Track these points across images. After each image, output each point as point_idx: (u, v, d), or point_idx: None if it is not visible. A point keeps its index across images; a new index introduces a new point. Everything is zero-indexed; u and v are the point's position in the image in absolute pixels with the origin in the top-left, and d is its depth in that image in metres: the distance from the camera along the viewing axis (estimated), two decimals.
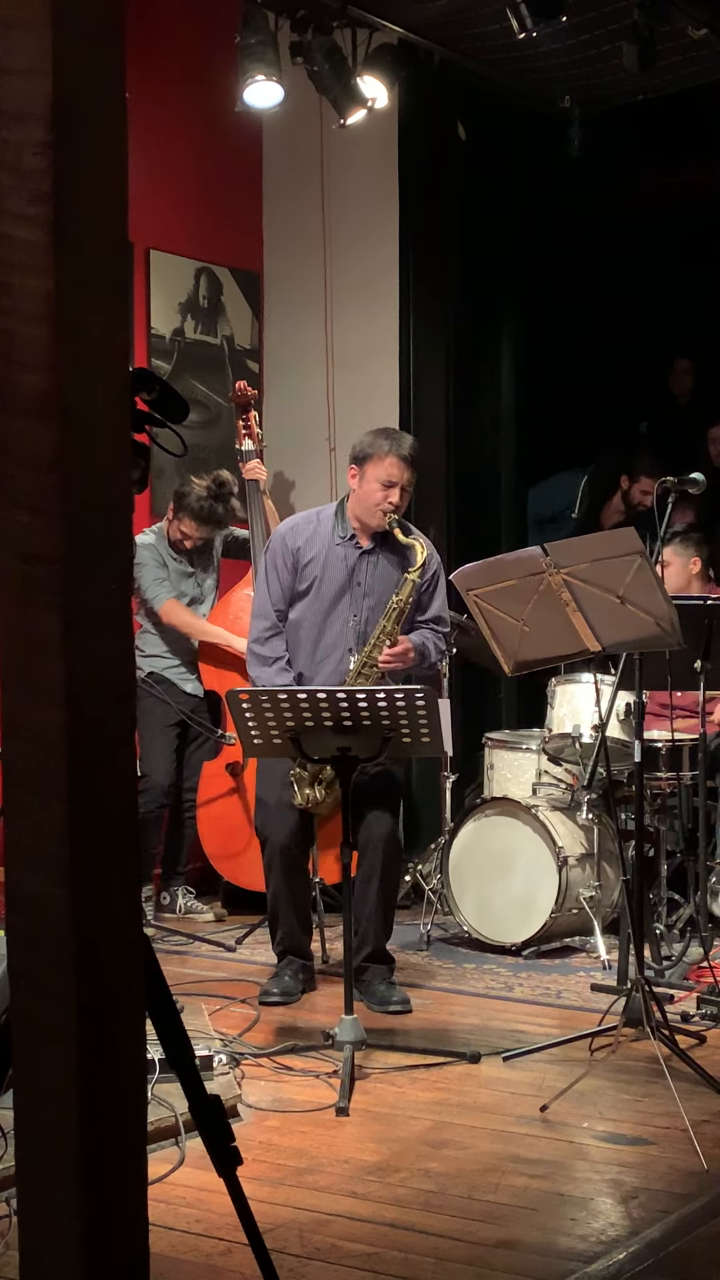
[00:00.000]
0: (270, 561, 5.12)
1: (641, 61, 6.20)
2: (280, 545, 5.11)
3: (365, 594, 5.05)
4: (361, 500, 5.02)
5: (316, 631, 5.05)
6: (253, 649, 5.10)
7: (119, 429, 2.02)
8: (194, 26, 7.09)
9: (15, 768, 1.97)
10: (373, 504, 4.97)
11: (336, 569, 5.05)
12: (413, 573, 4.97)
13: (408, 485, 5.01)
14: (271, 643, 5.06)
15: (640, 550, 4.08)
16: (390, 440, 4.99)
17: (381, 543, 5.07)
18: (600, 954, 5.66)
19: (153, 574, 6.26)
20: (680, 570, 6.11)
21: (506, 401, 7.85)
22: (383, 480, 4.95)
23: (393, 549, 5.07)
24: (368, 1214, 3.29)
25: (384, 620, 4.97)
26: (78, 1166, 1.95)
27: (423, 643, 5.06)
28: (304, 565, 5.06)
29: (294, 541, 5.08)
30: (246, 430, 6.56)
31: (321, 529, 5.10)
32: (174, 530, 6.31)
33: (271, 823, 5.00)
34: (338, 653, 5.03)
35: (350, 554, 5.06)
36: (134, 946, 2.04)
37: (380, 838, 4.91)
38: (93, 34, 1.93)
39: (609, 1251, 3.09)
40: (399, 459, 4.96)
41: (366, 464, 4.99)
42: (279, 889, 5.02)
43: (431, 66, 6.99)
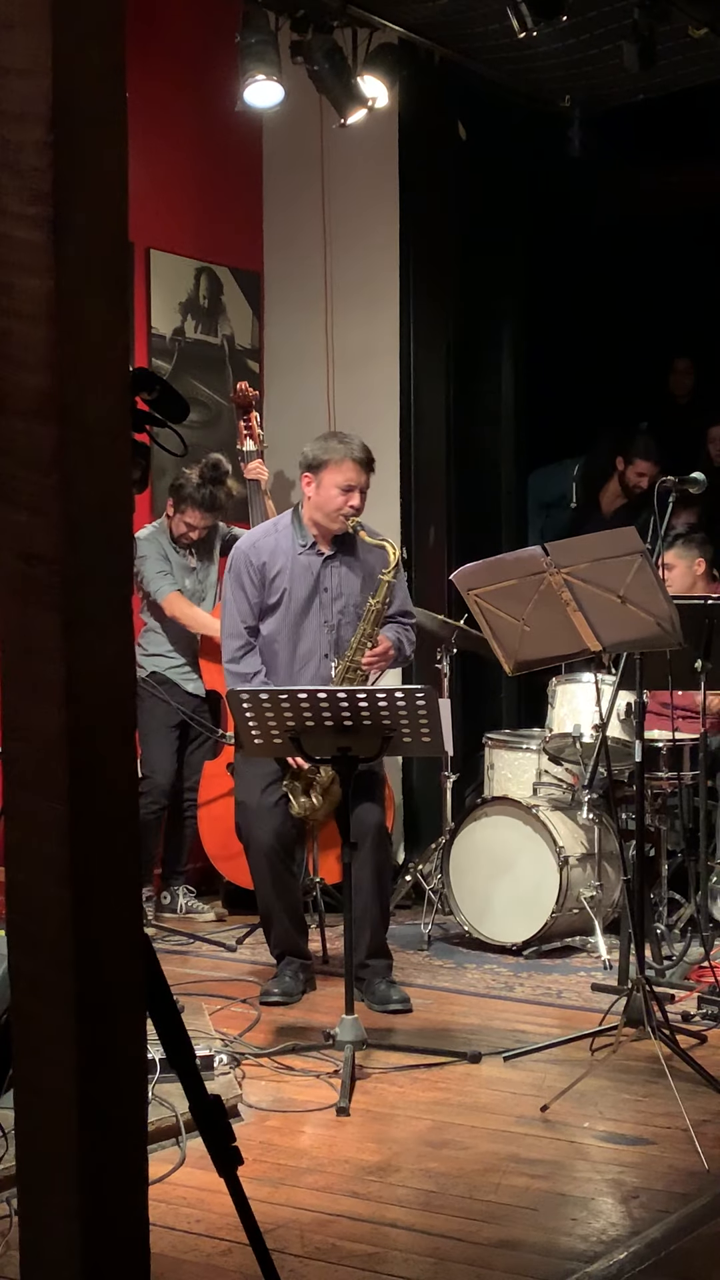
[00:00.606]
0: (235, 580, 5.14)
1: (641, 61, 6.19)
2: (244, 562, 5.13)
3: (334, 598, 5.12)
4: (320, 506, 5.05)
5: (291, 642, 5.10)
6: (229, 669, 5.14)
7: (119, 429, 2.01)
8: (194, 26, 7.09)
9: (15, 768, 1.97)
10: (333, 509, 5.02)
11: (303, 578, 5.11)
12: (387, 574, 5.03)
13: (365, 487, 5.06)
14: (246, 659, 5.10)
15: (641, 550, 4.08)
16: (344, 444, 5.04)
17: (341, 546, 5.15)
18: (601, 954, 5.66)
19: (155, 566, 6.26)
20: (685, 572, 6.10)
21: (506, 401, 7.84)
22: (341, 485, 5.00)
23: (351, 551, 5.15)
24: (368, 1214, 3.29)
25: (363, 624, 5.03)
26: (78, 1166, 1.94)
27: (397, 638, 5.15)
28: (271, 579, 5.11)
29: (258, 557, 5.12)
30: (248, 431, 6.55)
31: (282, 540, 5.15)
32: (177, 524, 6.30)
33: (254, 825, 5.00)
34: (314, 660, 5.09)
35: (314, 561, 5.12)
36: (134, 946, 2.04)
37: (370, 827, 4.92)
38: (93, 34, 1.93)
39: (610, 1251, 3.09)
40: (355, 462, 5.01)
41: (322, 470, 5.03)
42: (269, 893, 5.02)
43: (432, 66, 6.98)
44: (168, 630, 6.35)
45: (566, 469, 8.12)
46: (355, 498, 5.02)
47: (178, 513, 6.27)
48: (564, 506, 8.04)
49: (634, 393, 8.50)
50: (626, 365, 8.44)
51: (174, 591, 6.27)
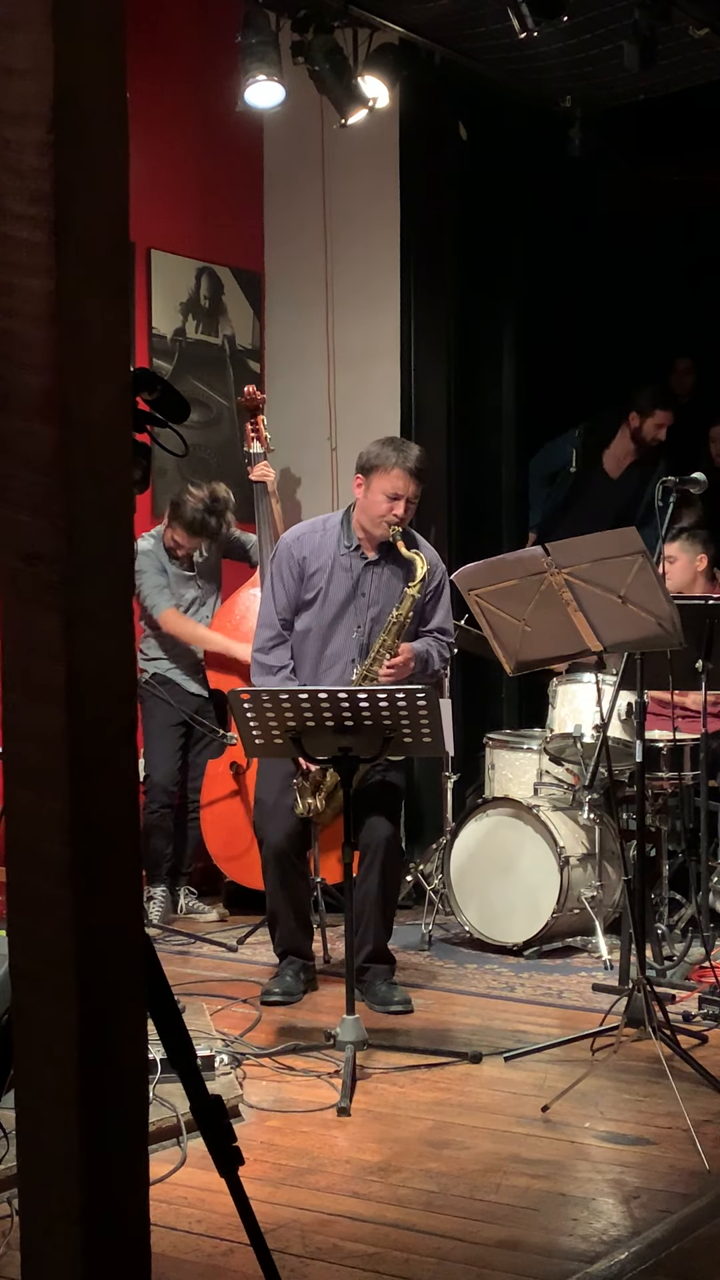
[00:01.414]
0: (276, 570, 5.12)
1: (642, 61, 6.19)
2: (286, 554, 5.10)
3: (369, 604, 5.07)
4: (366, 510, 5.02)
5: (321, 641, 5.07)
6: (257, 658, 5.10)
7: (120, 429, 2.01)
8: (195, 26, 7.09)
9: (16, 768, 1.97)
10: (377, 515, 4.98)
11: (342, 579, 5.06)
12: (412, 588, 4.98)
13: (413, 497, 5.00)
14: (276, 651, 5.06)
15: (642, 550, 4.08)
16: (398, 452, 4.98)
17: (386, 553, 5.08)
18: (602, 954, 5.66)
19: (152, 581, 6.25)
20: (686, 566, 6.11)
21: (506, 401, 7.84)
22: (388, 493, 4.95)
23: (397, 560, 5.07)
24: (369, 1214, 3.29)
25: (384, 634, 4.99)
26: (78, 1166, 1.94)
27: (425, 649, 5.07)
28: (310, 575, 5.07)
29: (300, 551, 5.08)
30: (255, 434, 6.55)
31: (327, 538, 5.10)
32: (168, 537, 6.31)
33: (269, 823, 5.01)
34: (341, 663, 5.04)
35: (355, 564, 5.07)
36: (135, 946, 2.04)
37: (382, 840, 4.91)
38: (93, 34, 1.93)
39: (611, 1252, 3.09)
40: (405, 472, 4.95)
41: (373, 475, 4.98)
42: (276, 890, 5.03)
43: (432, 66, 6.98)
44: (163, 641, 6.34)
45: (568, 438, 8.06)
46: (400, 507, 4.95)
47: (170, 526, 6.28)
48: (563, 479, 7.99)
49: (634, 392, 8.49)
50: (626, 365, 8.44)
51: (169, 608, 6.26)
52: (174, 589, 6.32)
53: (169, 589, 6.29)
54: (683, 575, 6.09)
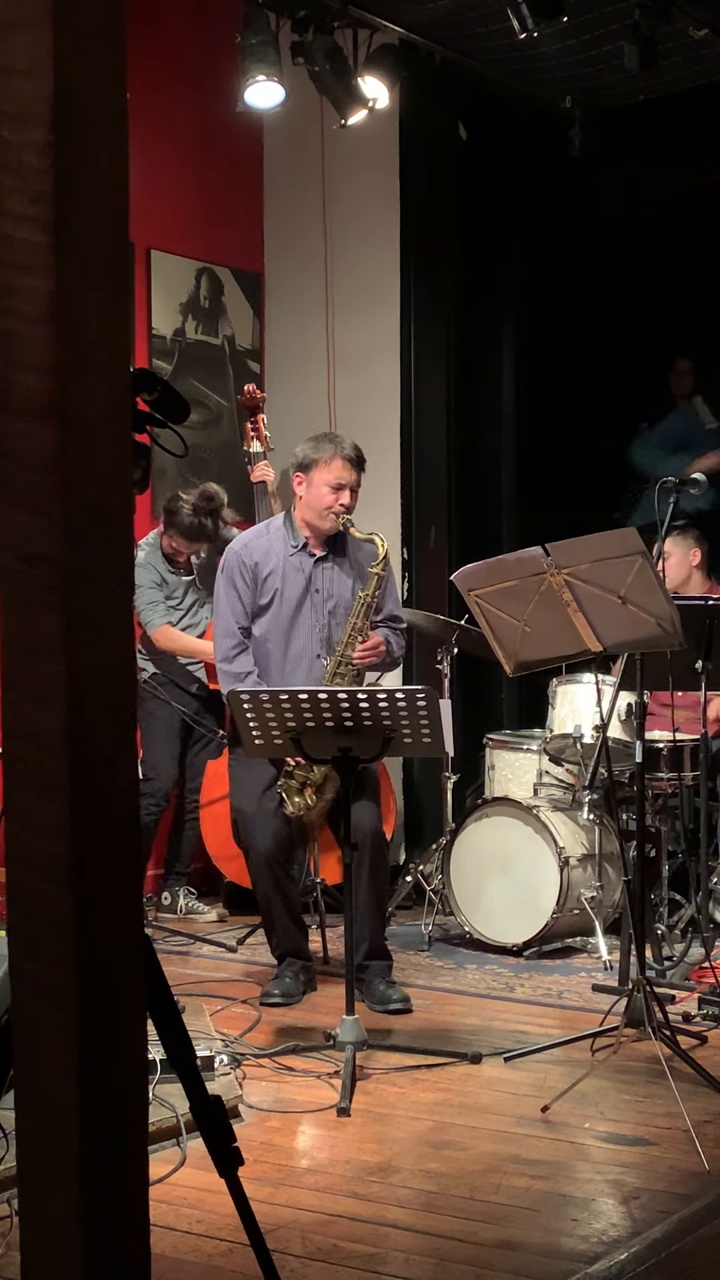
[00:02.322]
0: (228, 579, 5.16)
1: (642, 61, 6.19)
2: (237, 562, 5.14)
3: (325, 599, 5.13)
4: (311, 505, 5.07)
5: (283, 642, 5.11)
6: (222, 668, 5.15)
7: (120, 430, 2.01)
8: (194, 27, 7.09)
9: (16, 768, 1.97)
10: (323, 507, 5.03)
11: (294, 579, 5.11)
12: (376, 566, 5.05)
13: (355, 486, 5.07)
14: (239, 659, 5.11)
15: (642, 551, 4.08)
16: (333, 443, 5.06)
17: (333, 548, 5.15)
18: (601, 954, 5.66)
19: (148, 597, 6.23)
20: (681, 561, 6.13)
21: (507, 401, 7.84)
22: (331, 483, 5.02)
23: (343, 552, 5.15)
24: (369, 1215, 3.29)
25: (353, 617, 5.04)
26: (78, 1167, 1.94)
27: (385, 636, 5.14)
28: (263, 579, 5.12)
29: (250, 557, 5.13)
30: (255, 433, 6.54)
31: (274, 541, 5.16)
32: (165, 544, 6.30)
33: (254, 832, 5.00)
34: (306, 660, 5.09)
35: (305, 562, 5.13)
36: (135, 947, 2.04)
37: (367, 833, 4.90)
38: (93, 34, 1.93)
39: (610, 1252, 3.09)
40: (345, 460, 5.03)
41: (313, 469, 5.05)
42: (269, 896, 5.02)
43: (432, 67, 6.98)
44: (156, 651, 6.32)
45: (679, 419, 8.04)
46: (345, 495, 5.03)
47: (166, 533, 6.27)
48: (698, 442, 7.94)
49: (634, 393, 8.49)
50: (627, 365, 8.44)
51: (164, 625, 6.24)
52: (174, 595, 6.31)
53: (163, 604, 6.27)
54: (677, 570, 6.12)
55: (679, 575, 6.12)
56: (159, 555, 6.30)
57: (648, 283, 8.19)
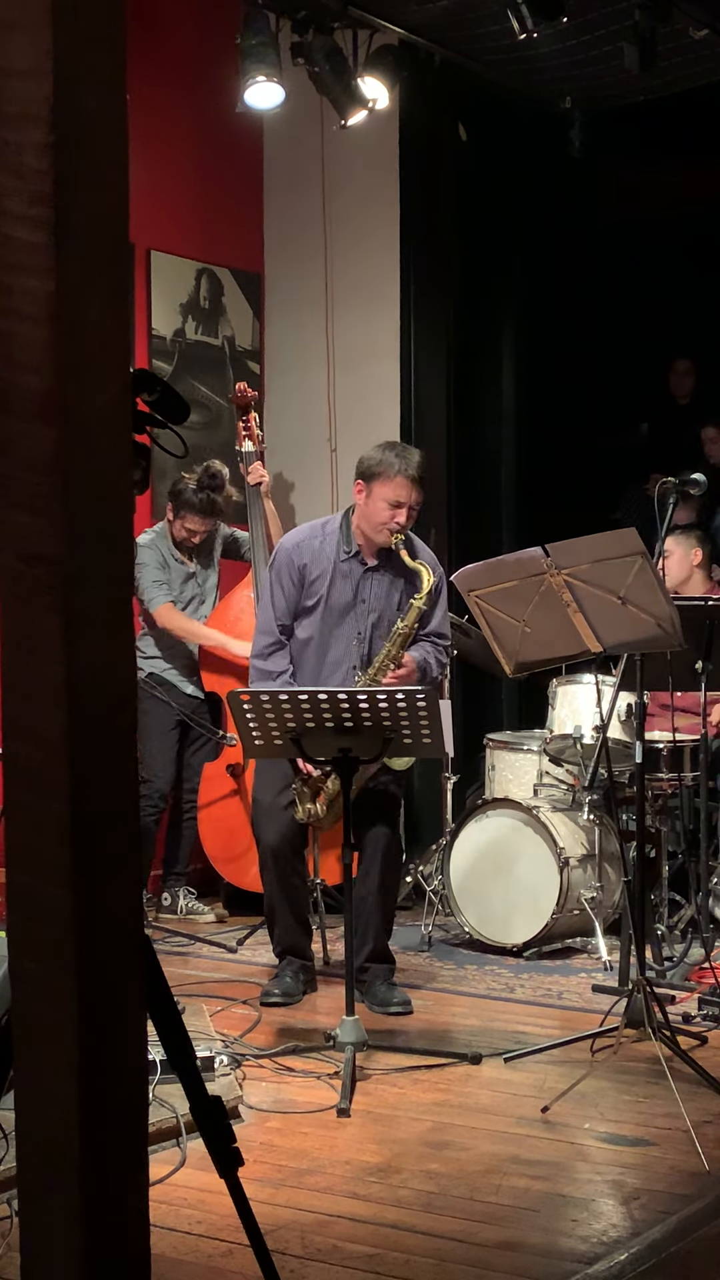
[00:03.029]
0: (275, 576, 5.08)
1: (642, 62, 6.19)
2: (286, 560, 5.06)
3: (369, 611, 5.05)
4: (367, 517, 4.98)
5: (322, 648, 5.05)
6: (256, 664, 5.08)
7: (120, 430, 2.01)
8: (194, 27, 7.09)
9: (15, 768, 1.97)
10: (379, 522, 4.94)
11: (342, 586, 5.04)
12: (419, 600, 4.95)
13: (415, 505, 4.96)
14: (275, 658, 5.04)
15: (642, 551, 4.08)
16: (400, 459, 4.92)
17: (385, 559, 5.05)
18: (601, 955, 5.66)
19: (151, 575, 6.25)
20: (682, 560, 6.14)
21: (507, 401, 7.85)
22: (390, 500, 4.91)
23: (396, 565, 5.04)
24: (369, 1215, 3.29)
25: (389, 645, 4.96)
26: (78, 1167, 1.94)
27: (424, 658, 5.05)
28: (310, 582, 5.04)
29: (300, 558, 5.05)
30: (247, 432, 6.55)
31: (326, 544, 5.07)
32: (178, 530, 6.30)
33: (266, 824, 5.00)
34: (343, 669, 5.02)
35: (355, 570, 5.05)
36: (135, 947, 2.04)
37: (382, 840, 4.92)
38: (93, 35, 1.93)
39: (610, 1253, 3.08)
40: (408, 479, 4.90)
41: (374, 481, 4.94)
42: (274, 890, 5.03)
43: (432, 67, 6.98)
44: (159, 638, 6.34)
45: None
46: (402, 514, 4.91)
47: (177, 518, 6.28)
48: None
49: (634, 393, 8.50)
50: (627, 366, 8.44)
51: (167, 603, 6.25)
52: (173, 585, 6.32)
53: (167, 585, 6.29)
54: (678, 569, 6.12)
55: (680, 574, 6.13)
56: (166, 541, 6.32)
57: (647, 283, 8.20)
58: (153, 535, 6.32)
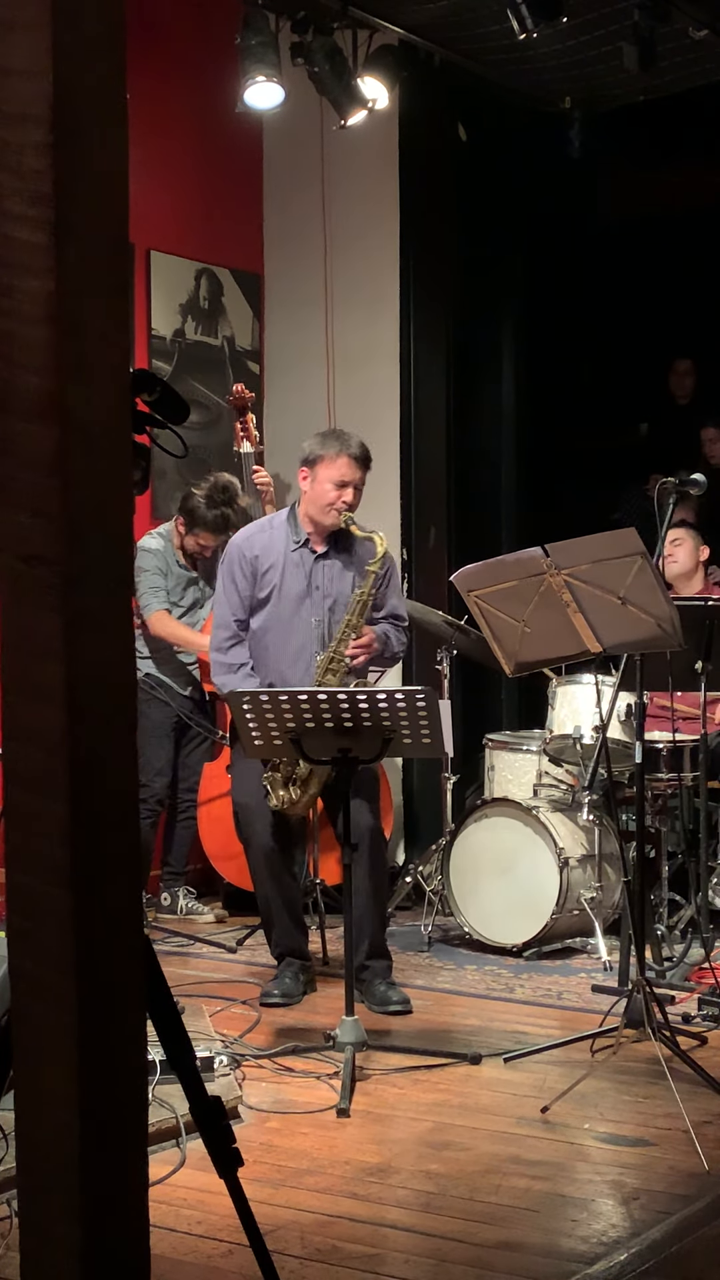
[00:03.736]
0: (228, 572, 5.16)
1: (642, 62, 6.19)
2: (237, 555, 5.14)
3: (324, 596, 5.12)
4: (314, 501, 5.06)
5: (282, 637, 5.10)
6: (216, 658, 5.16)
7: (120, 430, 2.01)
8: (194, 27, 7.09)
9: (15, 768, 1.97)
10: (326, 504, 5.02)
11: (294, 575, 5.11)
12: (374, 564, 5.03)
13: (360, 484, 5.06)
14: (234, 650, 5.11)
15: (641, 551, 4.08)
16: (340, 440, 5.05)
17: (334, 545, 5.14)
18: (601, 955, 5.65)
19: (149, 582, 6.24)
20: (691, 552, 6.17)
21: (507, 401, 7.85)
22: (335, 480, 5.01)
23: (346, 550, 5.14)
24: (369, 1215, 3.29)
25: (348, 614, 5.02)
26: (78, 1167, 1.94)
27: (384, 632, 5.13)
28: (263, 573, 5.11)
29: (250, 550, 5.13)
30: (245, 433, 6.54)
31: (275, 536, 5.15)
32: (190, 543, 6.28)
33: (253, 824, 5.00)
34: (305, 656, 5.07)
35: (306, 558, 5.12)
36: (135, 947, 2.04)
37: (365, 831, 4.90)
38: (93, 35, 1.93)
39: (610, 1253, 3.08)
40: (351, 458, 5.01)
41: (318, 465, 5.04)
42: (268, 892, 5.02)
43: (432, 67, 6.99)
44: (151, 644, 6.33)
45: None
46: (349, 493, 5.02)
47: (190, 533, 6.26)
48: None
49: (634, 393, 8.50)
50: (627, 366, 8.44)
51: (161, 610, 6.24)
52: (175, 591, 6.31)
53: (166, 592, 6.28)
54: (687, 559, 6.15)
55: (688, 565, 6.15)
56: (171, 549, 6.31)
57: (647, 283, 8.20)
58: (159, 541, 6.28)
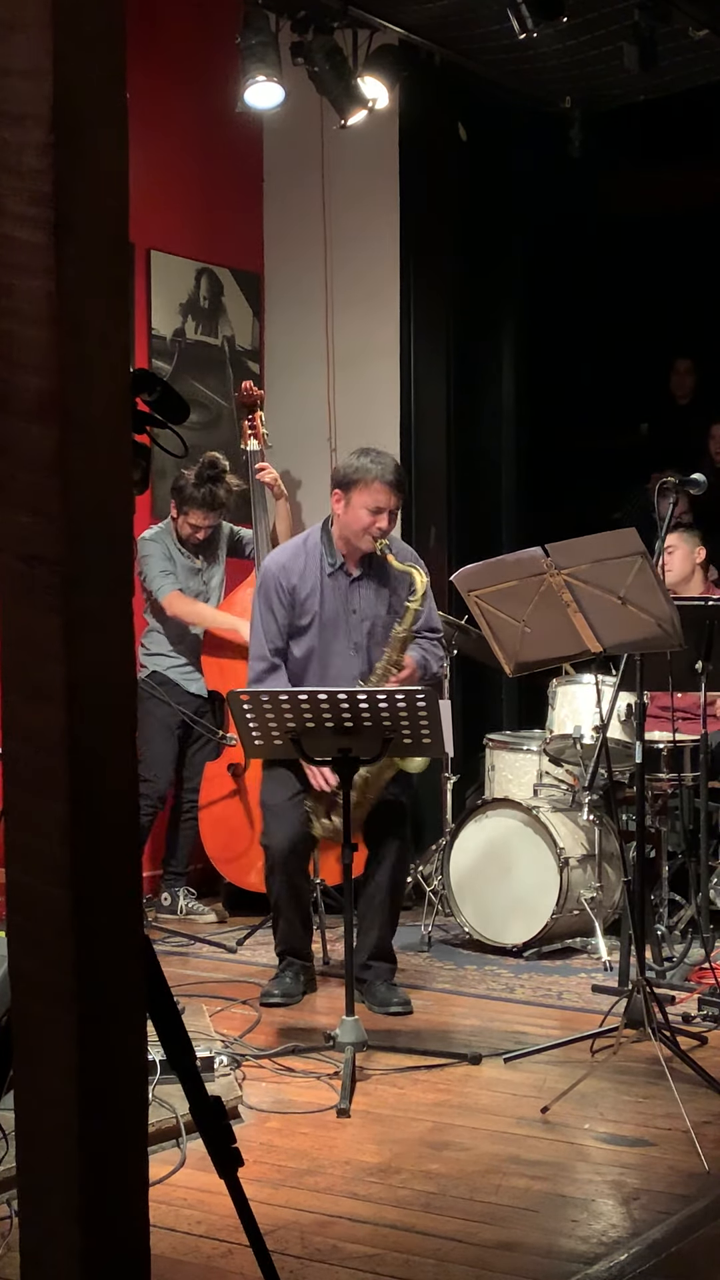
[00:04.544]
0: (265, 601, 5.07)
1: (642, 62, 6.19)
2: (274, 584, 5.05)
3: (362, 620, 5.06)
4: (348, 526, 4.98)
5: (321, 664, 5.05)
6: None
7: (120, 430, 2.01)
8: (194, 27, 7.09)
9: (16, 768, 1.97)
10: (359, 529, 4.94)
11: (332, 600, 5.05)
12: (414, 601, 4.92)
13: (395, 509, 4.96)
14: (271, 680, 5.01)
15: (641, 551, 4.08)
16: (376, 464, 4.93)
17: (369, 566, 5.07)
18: (601, 955, 5.65)
19: (158, 565, 6.25)
20: (686, 556, 6.15)
21: (507, 401, 7.85)
22: (369, 507, 4.90)
23: (381, 570, 5.06)
24: (369, 1215, 3.29)
25: (389, 651, 4.94)
26: (78, 1168, 1.94)
27: (422, 657, 5.05)
28: (302, 601, 5.04)
29: (288, 579, 5.04)
30: (252, 430, 6.54)
31: (310, 561, 5.07)
32: (183, 526, 6.30)
33: (276, 826, 5.00)
34: (346, 681, 4.99)
35: (342, 582, 5.07)
36: (135, 947, 2.04)
37: (393, 842, 4.97)
38: (93, 35, 1.93)
39: (610, 1253, 3.08)
40: (385, 485, 4.90)
41: (352, 490, 4.94)
42: (281, 892, 5.03)
43: (432, 67, 6.98)
44: (169, 630, 6.35)
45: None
46: (383, 520, 4.91)
47: (181, 514, 6.28)
48: None
49: (634, 393, 8.50)
50: (627, 365, 8.44)
51: (175, 590, 6.27)
52: (179, 578, 6.32)
53: (174, 574, 6.29)
54: (682, 566, 6.13)
55: (683, 570, 6.14)
56: (170, 536, 6.32)
57: (648, 283, 8.20)
58: (157, 530, 6.33)
